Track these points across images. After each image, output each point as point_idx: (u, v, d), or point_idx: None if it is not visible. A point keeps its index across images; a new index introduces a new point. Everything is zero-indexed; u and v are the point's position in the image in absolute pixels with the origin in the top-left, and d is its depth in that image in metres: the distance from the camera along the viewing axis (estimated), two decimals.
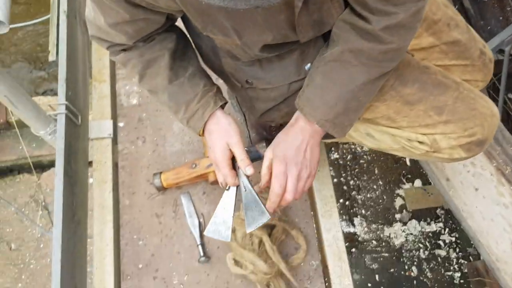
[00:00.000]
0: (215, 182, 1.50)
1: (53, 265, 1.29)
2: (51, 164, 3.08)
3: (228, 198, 1.15)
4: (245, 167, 1.10)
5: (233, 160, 1.12)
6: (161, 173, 1.52)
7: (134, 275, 1.45)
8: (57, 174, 1.38)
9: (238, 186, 1.14)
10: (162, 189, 1.52)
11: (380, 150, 1.25)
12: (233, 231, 1.45)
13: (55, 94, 3.20)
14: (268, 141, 1.50)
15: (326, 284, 1.43)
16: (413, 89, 1.10)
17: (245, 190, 1.11)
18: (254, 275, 1.39)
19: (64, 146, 1.41)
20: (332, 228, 1.47)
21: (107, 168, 1.56)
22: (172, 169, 1.53)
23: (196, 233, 1.49)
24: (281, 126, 1.49)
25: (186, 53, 1.12)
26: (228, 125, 1.09)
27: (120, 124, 1.64)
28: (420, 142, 1.11)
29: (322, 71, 1.03)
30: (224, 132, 1.09)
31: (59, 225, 1.32)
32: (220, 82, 1.60)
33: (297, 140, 1.08)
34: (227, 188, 1.15)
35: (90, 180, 1.64)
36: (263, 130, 1.48)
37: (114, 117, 1.65)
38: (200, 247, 1.47)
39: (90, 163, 1.59)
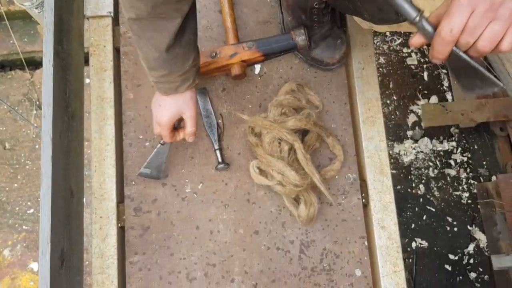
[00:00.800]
0: (238, 76, 1.19)
1: (43, 164, 1.02)
2: None
3: (163, 149, 1.15)
4: (189, 137, 1.10)
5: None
6: None
7: (139, 180, 1.18)
8: (45, 55, 1.05)
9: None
10: None
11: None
12: (259, 135, 1.17)
13: None
14: (307, 27, 1.17)
15: (363, 200, 1.18)
16: None
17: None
18: (281, 186, 1.13)
19: (54, 20, 1.07)
20: (375, 137, 1.19)
21: (107, 54, 1.23)
22: None
23: (214, 136, 1.20)
24: (326, 7, 1.15)
25: (194, 20, 0.98)
26: (190, 98, 1.05)
27: None
28: None
29: None
30: (182, 103, 1.05)
31: (49, 116, 1.03)
32: None
33: None
34: (161, 142, 1.14)
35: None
36: (302, 13, 1.14)
37: None
38: (217, 152, 1.19)
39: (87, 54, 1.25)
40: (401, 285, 1.10)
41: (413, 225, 2.46)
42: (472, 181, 2.52)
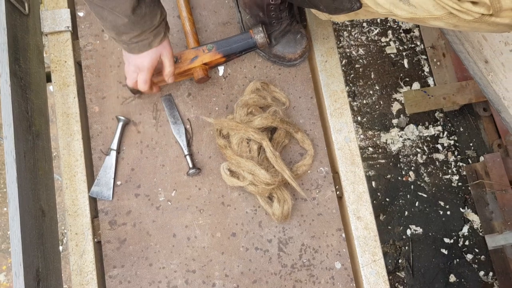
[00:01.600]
0: (202, 79, 1.18)
1: (8, 185, 1.00)
2: None
3: (110, 161, 1.18)
4: (169, 77, 1.13)
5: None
6: None
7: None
8: (1, 75, 1.04)
9: (118, 153, 1.19)
10: (137, 91, 1.20)
11: (416, 22, 0.92)
12: (227, 136, 1.16)
13: None
14: (266, 25, 1.16)
15: (337, 192, 1.17)
16: None
17: None
18: (254, 186, 1.12)
19: (8, 40, 1.06)
20: (344, 128, 1.18)
21: (69, 69, 1.22)
22: None
23: (183, 142, 1.19)
24: (282, 3, 1.14)
25: None
26: (166, 42, 1.08)
27: (80, 14, 1.26)
28: (474, 3, 0.79)
29: None
30: (159, 47, 1.06)
31: (11, 137, 1.02)
32: None
33: None
34: (107, 153, 1.18)
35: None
36: (259, 11, 1.13)
37: (72, 5, 1.27)
38: (188, 157, 1.18)
39: (49, 74, 1.24)
40: (381, 273, 1.09)
41: (406, 213, 2.45)
42: (461, 164, 2.52)
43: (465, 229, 2.43)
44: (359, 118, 2.64)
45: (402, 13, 0.90)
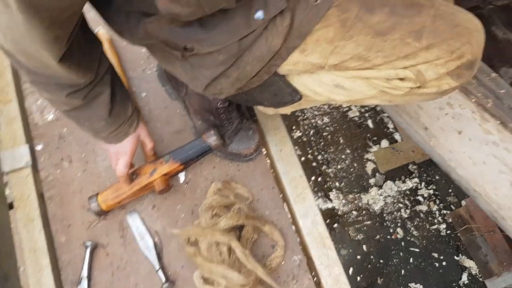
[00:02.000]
0: (163, 190, 1.20)
1: None
2: None
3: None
4: (152, 151, 1.20)
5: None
6: (97, 194, 1.21)
7: None
8: None
9: (90, 280, 1.18)
10: (102, 213, 1.21)
11: (354, 104, 0.98)
12: (196, 243, 1.16)
13: None
14: (217, 127, 1.21)
15: (315, 278, 1.16)
16: (383, 16, 0.84)
17: None
18: None
19: None
20: (309, 213, 1.19)
21: (32, 203, 1.23)
22: (109, 187, 1.22)
23: (152, 257, 1.18)
24: (230, 105, 1.20)
25: (117, 77, 1.02)
26: (141, 128, 1.13)
27: (38, 148, 1.30)
28: (402, 79, 0.85)
29: None
30: (136, 131, 1.10)
31: None
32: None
33: None
34: (78, 282, 1.17)
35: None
36: (210, 115, 1.19)
37: (30, 141, 1.31)
38: (160, 272, 1.17)
39: (11, 204, 1.25)
40: None
41: (402, 271, 2.40)
42: (445, 211, 2.52)
43: (464, 277, 2.39)
44: (337, 183, 2.67)
45: (339, 98, 0.97)
